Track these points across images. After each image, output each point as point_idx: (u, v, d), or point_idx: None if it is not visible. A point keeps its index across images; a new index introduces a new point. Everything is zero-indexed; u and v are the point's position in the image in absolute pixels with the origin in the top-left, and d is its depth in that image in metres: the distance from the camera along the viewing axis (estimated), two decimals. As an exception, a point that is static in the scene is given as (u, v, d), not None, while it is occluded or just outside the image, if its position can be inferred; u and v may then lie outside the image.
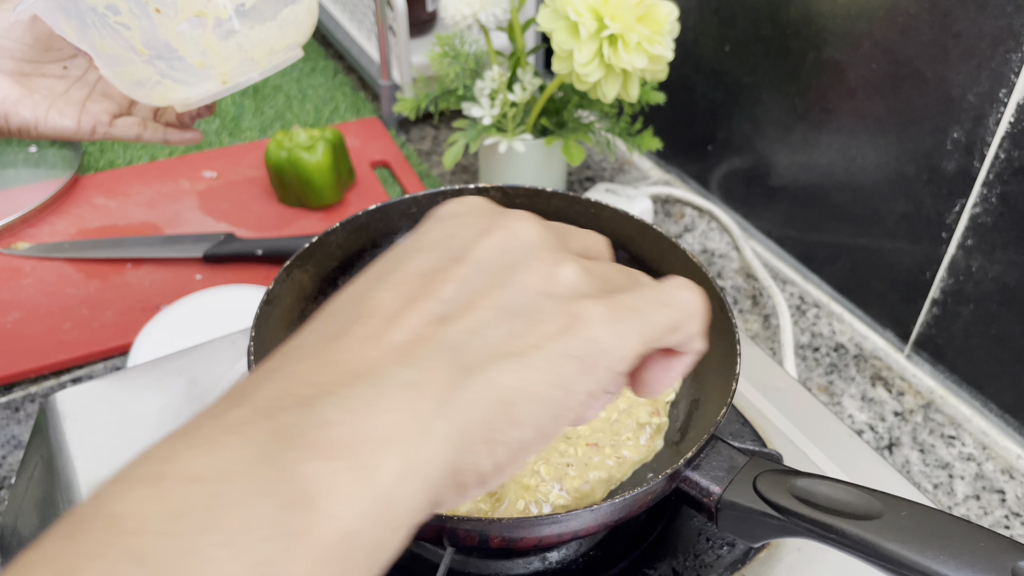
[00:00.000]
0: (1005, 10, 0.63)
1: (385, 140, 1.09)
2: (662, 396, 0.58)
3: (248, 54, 0.53)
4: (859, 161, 0.79)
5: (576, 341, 0.28)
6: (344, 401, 0.24)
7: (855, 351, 0.83)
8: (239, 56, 0.53)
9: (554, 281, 0.30)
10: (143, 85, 0.53)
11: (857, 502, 0.43)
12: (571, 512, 0.44)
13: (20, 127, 0.58)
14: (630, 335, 0.29)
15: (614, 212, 0.64)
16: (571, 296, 0.29)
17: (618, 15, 0.72)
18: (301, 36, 0.56)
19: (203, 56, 0.51)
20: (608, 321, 0.29)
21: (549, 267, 0.30)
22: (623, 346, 0.29)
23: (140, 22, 0.50)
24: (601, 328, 0.29)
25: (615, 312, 0.29)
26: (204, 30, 0.51)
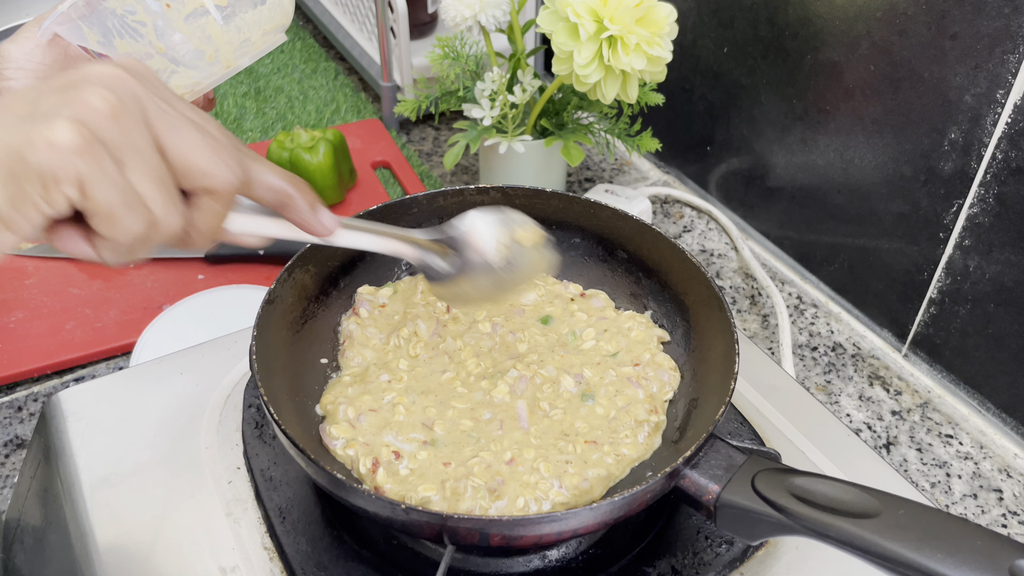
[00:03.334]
0: (1002, 11, 0.64)
1: (386, 141, 1.09)
2: (661, 395, 0.58)
3: (245, 35, 0.59)
4: (857, 162, 0.80)
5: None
6: None
7: (853, 350, 0.83)
8: (239, 38, 0.59)
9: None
10: (160, 78, 0.58)
11: (855, 501, 0.43)
12: (571, 510, 0.45)
13: None
14: None
15: (613, 212, 0.64)
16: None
17: (617, 17, 0.73)
18: (285, 19, 0.62)
19: (208, 41, 0.57)
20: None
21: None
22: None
23: (154, 18, 0.55)
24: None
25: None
26: (208, 17, 0.56)
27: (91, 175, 0.34)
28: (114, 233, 0.36)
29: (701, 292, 0.59)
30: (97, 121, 0.35)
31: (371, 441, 0.53)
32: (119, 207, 0.35)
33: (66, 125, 0.34)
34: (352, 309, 0.63)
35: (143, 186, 0.36)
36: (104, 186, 0.34)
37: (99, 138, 0.34)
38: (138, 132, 0.36)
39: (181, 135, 0.37)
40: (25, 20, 1.10)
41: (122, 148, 0.35)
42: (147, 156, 0.36)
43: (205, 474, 0.58)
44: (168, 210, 0.37)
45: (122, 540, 0.54)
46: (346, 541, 0.53)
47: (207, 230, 0.39)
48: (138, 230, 0.36)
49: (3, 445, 0.73)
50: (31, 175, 0.33)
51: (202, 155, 0.37)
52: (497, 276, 0.52)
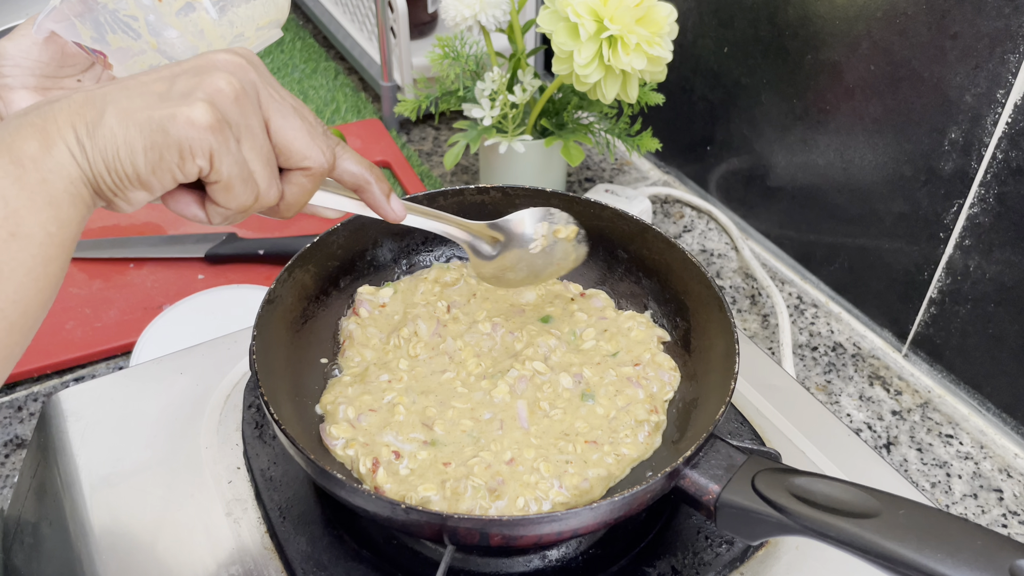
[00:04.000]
0: (1003, 11, 0.64)
1: (386, 141, 1.09)
2: (661, 394, 0.58)
3: (238, 30, 0.59)
4: (857, 162, 0.80)
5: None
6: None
7: (853, 350, 0.83)
8: (231, 33, 0.59)
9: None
10: None
11: (855, 500, 0.43)
12: (571, 510, 0.45)
13: None
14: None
15: (613, 212, 0.64)
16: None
17: (618, 17, 0.73)
18: (280, 14, 0.62)
19: (201, 36, 0.57)
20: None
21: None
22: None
23: (145, 12, 0.56)
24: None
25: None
26: (199, 12, 0.56)
27: (220, 150, 0.39)
28: (228, 201, 0.41)
29: (701, 292, 0.59)
30: (224, 103, 0.39)
31: (371, 441, 0.53)
32: (236, 179, 0.40)
33: (202, 106, 0.38)
34: (352, 309, 0.63)
35: (255, 163, 0.41)
36: (228, 160, 0.39)
37: (226, 118, 0.39)
38: (254, 114, 0.41)
39: (287, 119, 0.42)
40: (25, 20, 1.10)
41: (241, 127, 0.40)
42: (259, 136, 0.41)
43: (205, 474, 0.58)
44: (270, 184, 0.42)
45: (122, 540, 0.54)
46: (346, 541, 0.53)
47: (296, 203, 0.44)
48: (247, 201, 0.41)
49: (3, 445, 0.73)
50: (171, 145, 0.38)
51: (302, 139, 0.42)
52: (533, 260, 0.59)
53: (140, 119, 0.38)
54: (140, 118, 0.38)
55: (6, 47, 0.63)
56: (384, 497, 0.45)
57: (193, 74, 0.40)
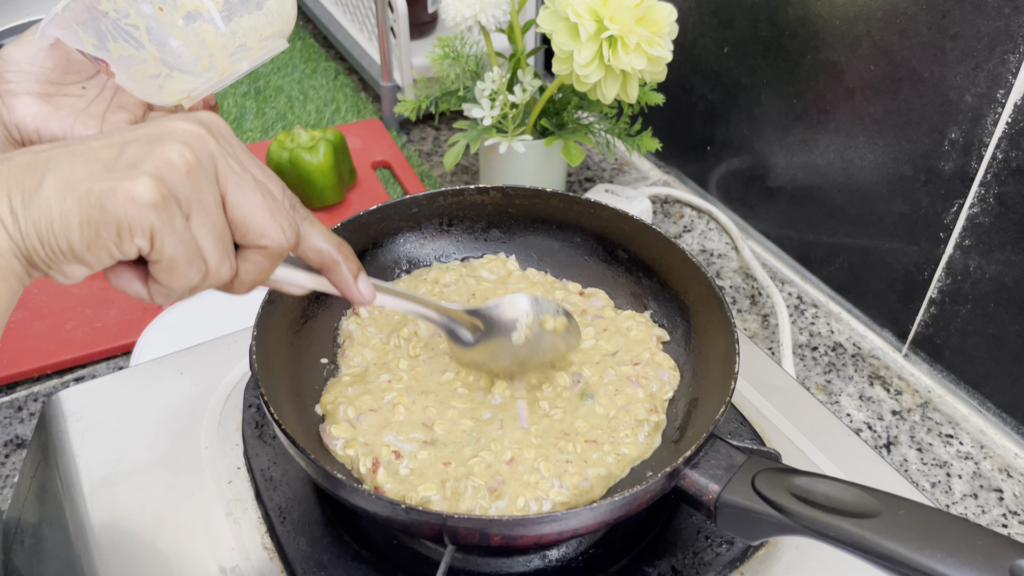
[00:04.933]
0: (1002, 11, 0.64)
1: (386, 141, 1.09)
2: (661, 394, 0.58)
3: (241, 40, 0.59)
4: (857, 162, 0.80)
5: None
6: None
7: (853, 350, 0.83)
8: (233, 43, 0.59)
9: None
10: (154, 83, 0.58)
11: (855, 500, 0.43)
12: (571, 510, 0.45)
13: (51, 140, 0.65)
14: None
15: (613, 212, 0.64)
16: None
17: (618, 17, 0.73)
18: (285, 25, 0.62)
19: (203, 46, 0.57)
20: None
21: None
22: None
23: (147, 21, 0.55)
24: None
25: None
26: (201, 22, 0.56)
27: (162, 229, 0.36)
28: (171, 281, 0.38)
29: (701, 292, 0.59)
30: (174, 178, 0.37)
31: (371, 441, 0.53)
32: (181, 259, 0.38)
33: (147, 181, 0.36)
34: (352, 309, 0.63)
35: (205, 240, 0.38)
36: (172, 240, 0.37)
37: (174, 194, 0.37)
38: (208, 188, 0.38)
39: (245, 194, 0.40)
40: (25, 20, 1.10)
41: (192, 203, 0.38)
42: (212, 212, 0.39)
43: (205, 474, 0.58)
44: (221, 262, 0.40)
45: (122, 540, 0.54)
46: (346, 541, 0.53)
47: (251, 281, 0.42)
48: (192, 280, 0.39)
49: (3, 445, 0.73)
50: (109, 223, 0.36)
51: (262, 216, 0.40)
52: (516, 352, 0.56)
53: (79, 191, 0.36)
54: (80, 190, 0.36)
55: (11, 52, 0.63)
56: (384, 497, 0.45)
57: (145, 142, 0.38)
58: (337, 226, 0.62)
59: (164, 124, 0.39)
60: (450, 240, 0.67)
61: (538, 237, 0.67)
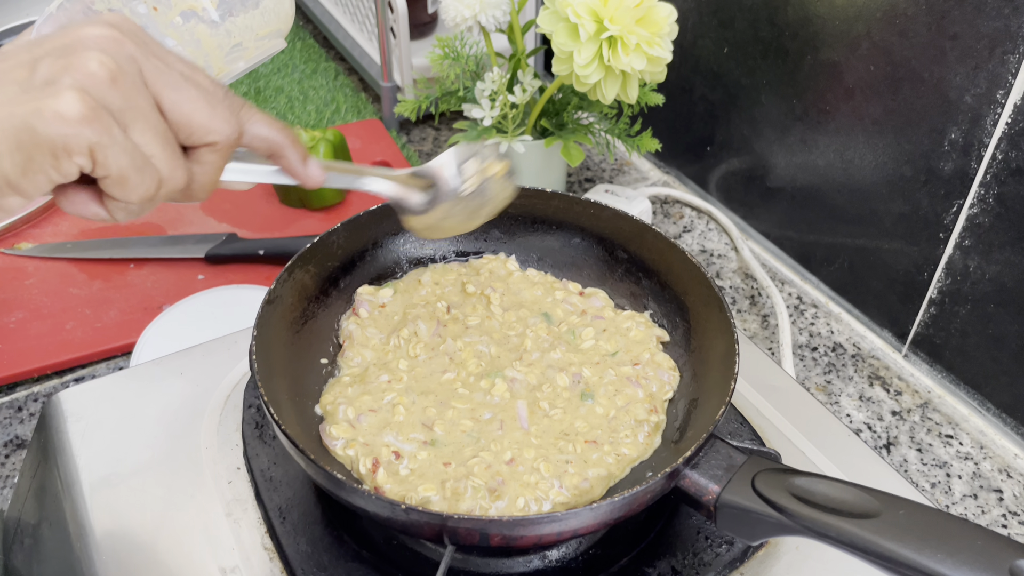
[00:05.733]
0: (1002, 12, 0.64)
1: (386, 141, 1.09)
2: (660, 394, 0.58)
3: (236, 40, 0.59)
4: (857, 162, 0.80)
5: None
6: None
7: (853, 351, 0.83)
8: (229, 42, 0.59)
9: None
10: None
11: (855, 501, 0.43)
12: (571, 510, 0.45)
13: None
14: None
15: (613, 213, 0.64)
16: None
17: (617, 17, 0.73)
18: (283, 24, 0.62)
19: (198, 45, 0.57)
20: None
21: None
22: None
23: (141, 20, 0.55)
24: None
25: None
26: (196, 21, 0.56)
27: (101, 143, 0.34)
28: (126, 195, 0.37)
29: (701, 292, 0.59)
30: (99, 88, 0.35)
31: (371, 441, 0.53)
32: (130, 170, 0.36)
33: (71, 95, 0.34)
34: (352, 309, 0.63)
35: (150, 147, 0.37)
36: (114, 152, 0.35)
37: (104, 104, 0.35)
38: (139, 94, 0.36)
39: (179, 92, 0.38)
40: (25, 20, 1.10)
41: (126, 112, 0.36)
42: (150, 117, 0.37)
43: (205, 474, 0.58)
44: (173, 167, 0.38)
45: (122, 540, 0.54)
46: (346, 541, 0.53)
47: (207, 182, 0.40)
48: (148, 190, 0.37)
49: (3, 445, 0.73)
50: (41, 145, 0.34)
51: (201, 111, 0.38)
52: (467, 203, 0.55)
53: (1, 117, 0.34)
54: (1, 116, 0.34)
55: None
56: (384, 497, 0.45)
57: (58, 55, 0.35)
58: (337, 226, 0.62)
59: (72, 32, 0.36)
60: (450, 240, 0.68)
61: (538, 237, 0.67)
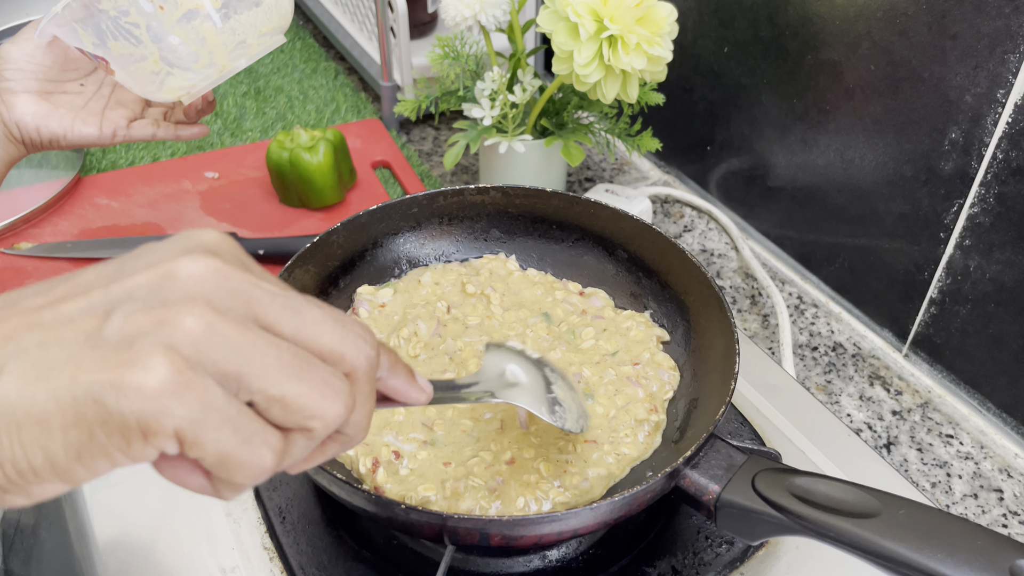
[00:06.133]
0: (1003, 11, 0.64)
1: (386, 141, 1.09)
2: (660, 394, 0.58)
3: (240, 37, 0.59)
4: (857, 162, 0.80)
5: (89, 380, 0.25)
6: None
7: (853, 350, 0.83)
8: (233, 40, 0.59)
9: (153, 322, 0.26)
10: (154, 81, 0.58)
11: (855, 500, 0.43)
12: (571, 510, 0.45)
13: (51, 138, 0.66)
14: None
15: (613, 212, 0.64)
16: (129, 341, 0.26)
17: (618, 16, 0.73)
18: (283, 20, 0.62)
19: (202, 43, 0.57)
20: (162, 389, 0.25)
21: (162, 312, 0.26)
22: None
23: (147, 19, 0.56)
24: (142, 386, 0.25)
25: (177, 386, 0.25)
26: (200, 20, 0.56)
27: (193, 419, 0.26)
28: (232, 476, 0.28)
29: (701, 292, 0.59)
30: (195, 344, 0.26)
31: (371, 441, 0.53)
32: (231, 445, 0.27)
33: (158, 360, 0.25)
34: (352, 309, 0.63)
35: (277, 387, 0.28)
36: (207, 427, 0.26)
37: (199, 362, 0.26)
38: (248, 332, 0.27)
39: (301, 315, 0.29)
40: (25, 20, 1.10)
41: (234, 361, 0.27)
42: (271, 350, 0.28)
43: (205, 474, 0.58)
44: (326, 396, 0.28)
45: (122, 540, 0.54)
46: (346, 541, 0.53)
47: (363, 418, 0.31)
48: (266, 462, 0.28)
49: (3, 445, 0.73)
50: (109, 424, 0.25)
51: (332, 332, 0.29)
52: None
53: (59, 384, 0.25)
54: (59, 382, 0.25)
55: (9, 50, 0.63)
56: (384, 497, 0.45)
57: (143, 305, 0.26)
58: (337, 226, 0.62)
59: (161, 264, 0.28)
60: (450, 240, 0.68)
61: (538, 237, 0.67)
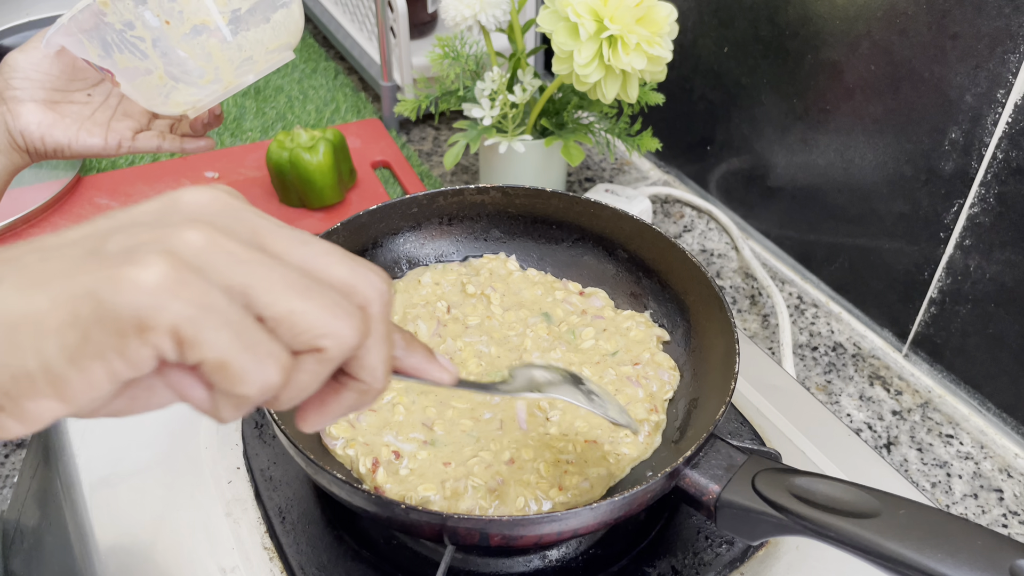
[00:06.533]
0: (1003, 11, 0.64)
1: (386, 140, 1.09)
2: (660, 394, 0.58)
3: (247, 53, 0.59)
4: (857, 161, 0.80)
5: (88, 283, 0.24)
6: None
7: (853, 350, 0.83)
8: (239, 56, 0.58)
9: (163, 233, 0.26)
10: (160, 94, 0.58)
11: (855, 500, 0.43)
12: (571, 510, 0.45)
13: (55, 147, 0.66)
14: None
15: (613, 212, 0.64)
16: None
17: (618, 16, 0.73)
18: (292, 38, 0.61)
19: (209, 59, 0.56)
20: (154, 289, 0.24)
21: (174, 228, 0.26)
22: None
23: (152, 33, 0.55)
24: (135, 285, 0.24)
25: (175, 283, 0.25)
26: (207, 35, 0.55)
27: (191, 316, 0.25)
28: (234, 386, 0.27)
29: (701, 292, 0.59)
30: (195, 252, 0.26)
31: (371, 441, 0.53)
32: (233, 351, 0.26)
33: (157, 259, 0.25)
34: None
35: (284, 303, 0.27)
36: (207, 327, 0.25)
37: (198, 265, 0.26)
38: (252, 251, 0.27)
39: (310, 246, 0.29)
40: (25, 20, 1.10)
41: (237, 272, 0.26)
42: (278, 266, 0.27)
43: (205, 474, 0.58)
44: (337, 315, 0.28)
45: (122, 540, 0.54)
46: (346, 541, 0.53)
47: (378, 360, 0.30)
48: (271, 375, 0.27)
49: (3, 445, 0.73)
50: (104, 320, 0.24)
51: (343, 264, 0.29)
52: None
53: (56, 286, 0.25)
54: (56, 285, 0.25)
55: (17, 59, 0.63)
56: (384, 497, 0.45)
57: (143, 226, 0.27)
58: (337, 226, 0.62)
59: (164, 198, 0.28)
60: (450, 240, 0.67)
61: (538, 237, 0.67)
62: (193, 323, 0.25)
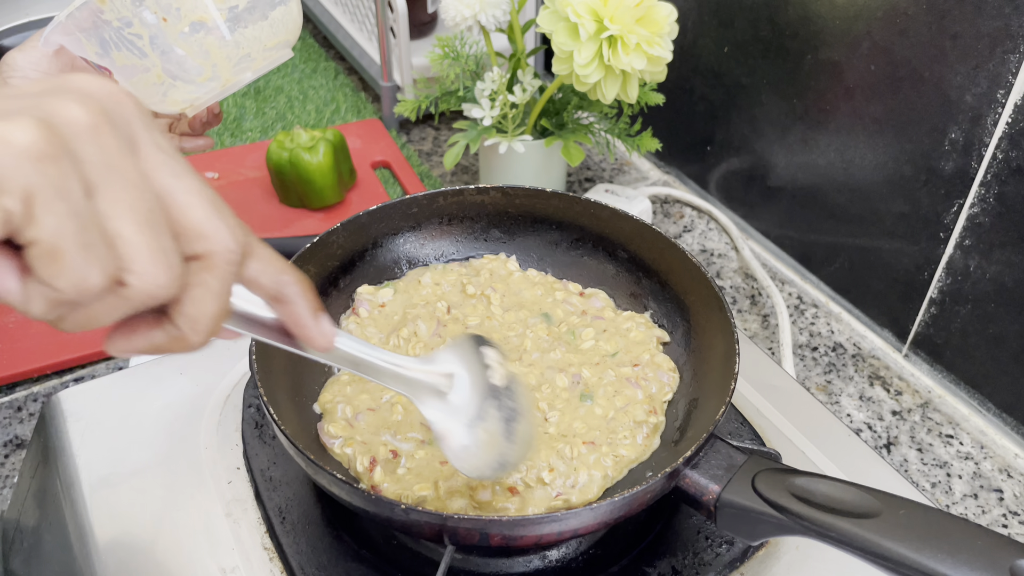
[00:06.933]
0: (1003, 11, 0.64)
1: (386, 141, 1.09)
2: (660, 395, 0.58)
3: (245, 51, 0.59)
4: (857, 162, 0.80)
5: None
6: None
7: (853, 351, 0.83)
8: (237, 53, 0.58)
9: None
10: (158, 92, 0.58)
11: (855, 501, 0.43)
12: (571, 510, 0.45)
13: None
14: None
15: (613, 212, 0.64)
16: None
17: (618, 17, 0.73)
18: (290, 35, 0.61)
19: (206, 56, 0.56)
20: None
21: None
22: None
23: (150, 31, 0.55)
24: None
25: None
26: (205, 33, 0.55)
27: (43, 189, 0.24)
28: (52, 275, 0.25)
29: (701, 292, 0.59)
30: (73, 131, 0.26)
31: (369, 440, 0.53)
32: (69, 241, 0.25)
33: (29, 122, 0.25)
34: (352, 309, 0.63)
35: (118, 223, 0.26)
36: (57, 208, 0.25)
37: (69, 148, 0.25)
38: (124, 156, 0.27)
39: (179, 179, 0.28)
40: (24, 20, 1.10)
41: (98, 169, 0.26)
42: (136, 185, 0.27)
43: (205, 474, 0.58)
44: (155, 257, 0.27)
45: (122, 540, 0.54)
46: (346, 541, 0.53)
47: (201, 314, 0.29)
48: (92, 279, 0.26)
49: (3, 445, 0.73)
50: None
51: (199, 208, 0.28)
52: (500, 406, 0.46)
53: None
54: None
55: (16, 58, 0.63)
56: (384, 498, 0.45)
57: (28, 97, 0.27)
58: (337, 226, 0.62)
59: (69, 78, 0.28)
60: (450, 240, 0.67)
61: (538, 237, 0.67)
62: (45, 199, 0.24)
